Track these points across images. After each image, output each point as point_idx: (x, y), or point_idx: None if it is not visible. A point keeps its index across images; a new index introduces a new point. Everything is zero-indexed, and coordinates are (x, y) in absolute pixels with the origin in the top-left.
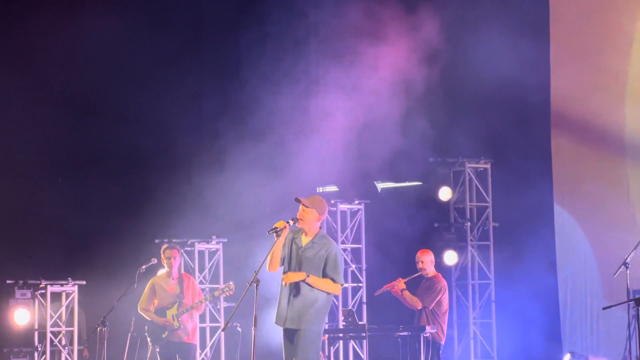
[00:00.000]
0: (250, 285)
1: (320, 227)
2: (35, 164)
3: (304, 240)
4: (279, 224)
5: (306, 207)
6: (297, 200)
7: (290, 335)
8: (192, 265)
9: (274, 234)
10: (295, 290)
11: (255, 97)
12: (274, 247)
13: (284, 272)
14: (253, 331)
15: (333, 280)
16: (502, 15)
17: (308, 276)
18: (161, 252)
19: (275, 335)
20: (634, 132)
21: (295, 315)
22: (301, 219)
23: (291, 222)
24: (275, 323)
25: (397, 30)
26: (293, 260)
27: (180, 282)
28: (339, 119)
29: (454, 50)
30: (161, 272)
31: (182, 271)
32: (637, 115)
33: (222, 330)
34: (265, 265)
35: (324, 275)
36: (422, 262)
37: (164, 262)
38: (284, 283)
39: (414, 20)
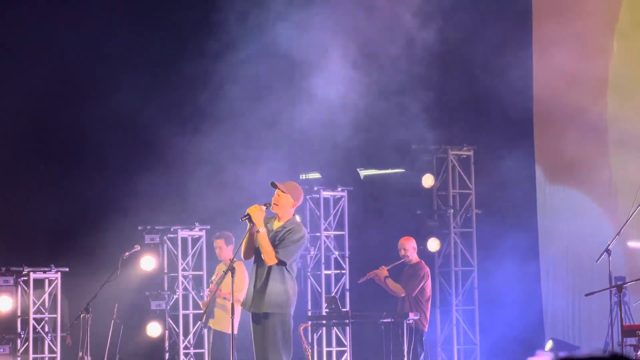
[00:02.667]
0: (225, 273)
1: (293, 215)
2: (17, 152)
3: (275, 225)
4: (251, 209)
5: (282, 192)
6: (273, 185)
7: (257, 319)
8: (175, 253)
9: (246, 220)
10: (259, 275)
11: (237, 81)
12: (248, 235)
13: (256, 264)
14: (231, 319)
15: (276, 252)
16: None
17: (260, 231)
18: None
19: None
20: (616, 120)
21: (258, 299)
22: (276, 204)
23: (264, 208)
24: (242, 307)
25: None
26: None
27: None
28: (320, 104)
29: (437, 38)
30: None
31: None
32: (618, 104)
33: (201, 321)
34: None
35: (274, 246)
36: (405, 249)
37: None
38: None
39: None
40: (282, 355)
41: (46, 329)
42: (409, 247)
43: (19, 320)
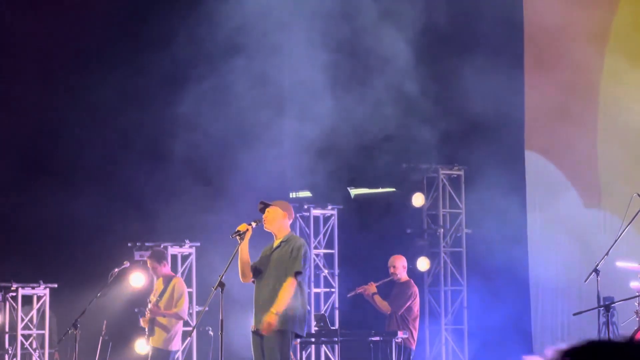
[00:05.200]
0: (215, 289)
1: (290, 230)
2: (7, 167)
3: (275, 243)
4: (242, 227)
5: (270, 207)
6: (261, 204)
7: (260, 338)
8: None
9: (237, 238)
10: (262, 292)
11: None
12: (240, 252)
13: (257, 280)
14: (220, 336)
15: (290, 269)
16: None
17: (276, 313)
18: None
19: (245, 338)
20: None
21: (261, 317)
22: (266, 220)
23: (254, 224)
24: (251, 327)
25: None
26: (263, 265)
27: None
28: (311, 124)
29: (430, 58)
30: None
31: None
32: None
33: (189, 336)
34: (234, 266)
35: (288, 271)
36: (395, 267)
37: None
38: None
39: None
40: None
41: (34, 345)
42: (399, 265)
43: (7, 337)
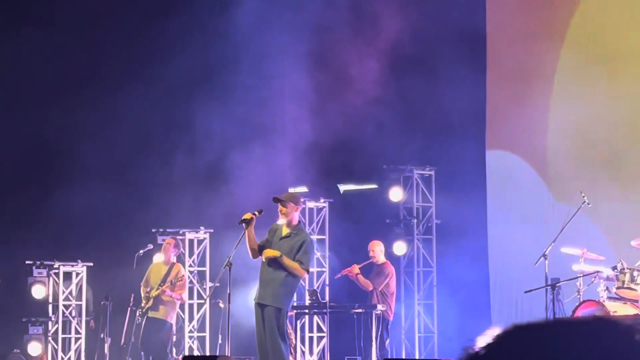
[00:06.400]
0: (224, 268)
1: (299, 221)
2: (47, 167)
3: (284, 231)
4: (247, 216)
5: (284, 203)
6: (275, 200)
7: (261, 309)
8: (184, 252)
9: (243, 224)
10: (267, 271)
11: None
12: (247, 236)
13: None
14: (228, 307)
15: (301, 263)
16: None
17: (281, 256)
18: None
19: (247, 309)
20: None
21: (264, 292)
22: (284, 214)
23: (257, 214)
24: (253, 299)
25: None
26: (273, 248)
27: (170, 268)
28: (310, 133)
29: (408, 73)
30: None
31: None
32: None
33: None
34: (240, 249)
35: (295, 259)
36: (374, 251)
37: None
38: (263, 258)
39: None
40: (279, 339)
41: (73, 314)
42: (377, 250)
43: (50, 306)
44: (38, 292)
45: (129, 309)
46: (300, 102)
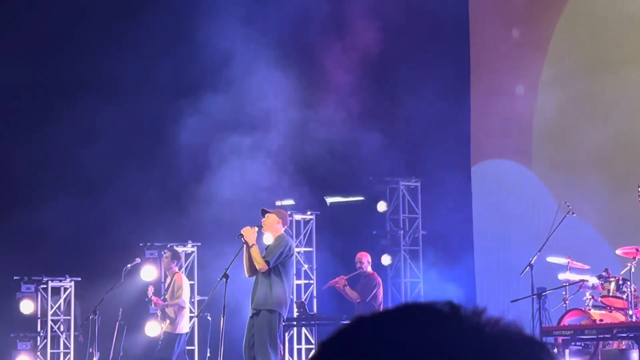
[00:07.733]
0: (220, 280)
1: (282, 233)
2: (37, 182)
3: (270, 241)
4: (245, 230)
5: (266, 215)
6: (263, 211)
7: (253, 315)
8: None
9: (242, 239)
10: (256, 281)
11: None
12: (245, 252)
13: (256, 276)
14: (222, 320)
15: (264, 256)
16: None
17: (252, 245)
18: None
19: (242, 324)
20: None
21: (255, 298)
22: (264, 224)
23: (256, 229)
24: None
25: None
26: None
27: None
28: (296, 145)
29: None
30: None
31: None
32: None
33: (196, 317)
34: (237, 264)
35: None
36: (361, 262)
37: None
38: (238, 236)
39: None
40: (269, 347)
41: (61, 329)
42: (364, 261)
43: (39, 321)
44: (26, 307)
45: (117, 323)
46: (286, 115)
